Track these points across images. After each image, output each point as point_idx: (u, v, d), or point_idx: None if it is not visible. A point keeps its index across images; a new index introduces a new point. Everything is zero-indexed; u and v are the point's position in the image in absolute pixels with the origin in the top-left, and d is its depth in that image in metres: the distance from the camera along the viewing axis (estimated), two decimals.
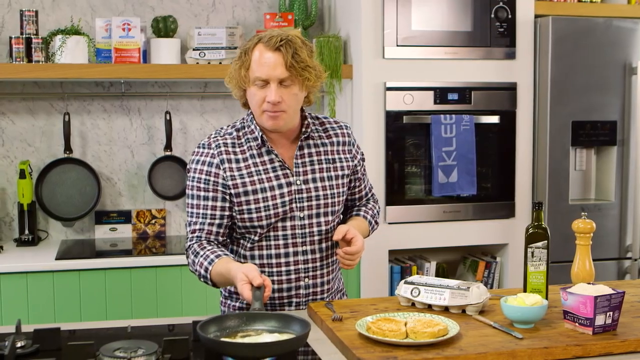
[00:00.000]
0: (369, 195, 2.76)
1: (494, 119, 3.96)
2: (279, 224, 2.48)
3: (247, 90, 2.45)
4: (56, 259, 3.60)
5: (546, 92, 3.93)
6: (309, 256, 2.52)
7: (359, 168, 2.65)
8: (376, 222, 2.74)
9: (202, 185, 2.46)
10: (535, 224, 2.40)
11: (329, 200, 2.53)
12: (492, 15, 3.91)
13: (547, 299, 2.38)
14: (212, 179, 2.45)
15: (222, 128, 2.57)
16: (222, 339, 1.99)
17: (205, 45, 3.96)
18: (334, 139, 2.59)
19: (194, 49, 3.96)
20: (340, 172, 2.57)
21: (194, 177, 2.48)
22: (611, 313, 2.12)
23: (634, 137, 4.01)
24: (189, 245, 2.48)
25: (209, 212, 2.46)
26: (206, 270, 2.38)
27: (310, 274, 2.52)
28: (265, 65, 2.37)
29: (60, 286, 3.52)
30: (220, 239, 2.49)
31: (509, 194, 4.02)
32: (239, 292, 2.23)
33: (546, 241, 2.39)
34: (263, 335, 2.04)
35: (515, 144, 4.00)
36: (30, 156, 4.08)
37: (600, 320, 2.10)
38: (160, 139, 4.21)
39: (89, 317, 3.52)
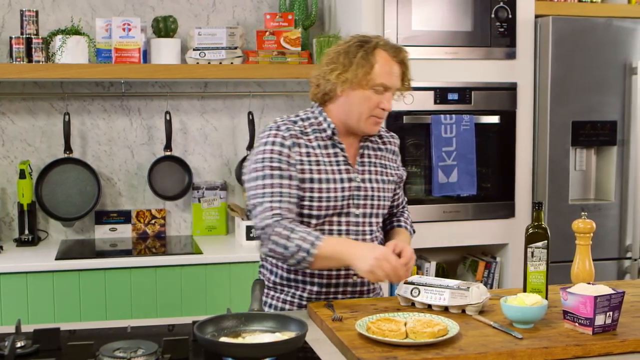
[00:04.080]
0: (404, 203, 2.83)
1: (494, 119, 3.95)
2: (335, 219, 2.50)
3: (352, 91, 2.47)
4: (56, 259, 3.60)
5: (546, 92, 3.93)
6: None
7: (402, 179, 2.75)
8: (413, 231, 2.80)
9: (275, 164, 2.43)
10: (535, 224, 2.40)
11: (381, 202, 2.60)
12: (493, 15, 3.91)
13: (547, 299, 2.38)
14: (284, 158, 2.44)
15: (287, 116, 2.57)
16: (220, 339, 1.99)
17: (205, 45, 3.95)
18: (387, 147, 2.68)
19: (194, 49, 3.95)
20: (391, 178, 2.65)
21: (264, 158, 2.44)
22: (611, 313, 2.12)
23: (634, 137, 4.01)
24: (268, 225, 2.39)
25: (285, 190, 2.43)
26: (312, 244, 2.33)
27: None
28: (392, 75, 2.47)
29: (60, 286, 3.52)
30: (297, 220, 2.46)
31: (509, 194, 4.02)
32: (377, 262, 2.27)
33: (546, 241, 2.39)
34: (261, 335, 2.04)
35: (516, 144, 4.00)
36: (30, 156, 4.08)
37: (600, 320, 2.10)
38: (160, 139, 4.21)
39: (88, 317, 3.52)
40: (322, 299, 2.52)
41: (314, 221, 2.49)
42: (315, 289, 2.53)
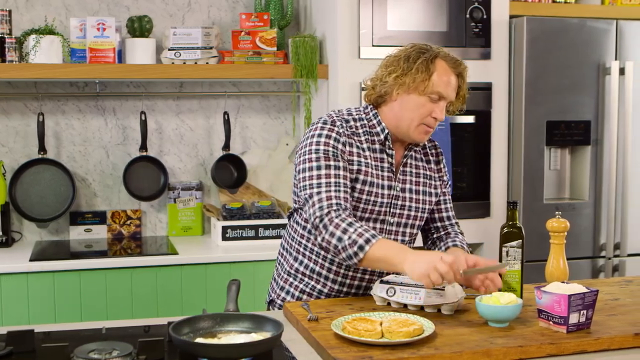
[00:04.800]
0: (452, 221, 2.72)
1: (470, 119, 3.97)
2: (370, 224, 2.51)
3: (407, 96, 2.47)
4: (30, 260, 3.57)
5: (521, 92, 3.95)
6: None
7: (446, 191, 2.70)
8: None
9: (331, 155, 2.44)
10: (510, 223, 2.41)
11: (419, 214, 2.59)
12: (468, 16, 3.93)
13: (521, 297, 2.39)
14: (339, 152, 2.45)
15: (339, 111, 2.57)
16: (196, 340, 1.98)
17: (180, 45, 3.94)
18: (430, 158, 2.66)
19: (169, 49, 3.94)
20: (434, 190, 2.63)
21: (319, 149, 2.44)
22: (585, 311, 2.14)
23: (608, 136, 4.04)
24: (329, 213, 2.37)
25: (341, 180, 2.42)
26: (367, 241, 2.29)
27: (377, 278, 2.55)
28: (449, 86, 2.48)
29: (34, 288, 3.50)
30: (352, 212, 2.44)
31: (484, 193, 4.04)
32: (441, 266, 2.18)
33: (521, 240, 2.40)
34: (236, 336, 2.04)
35: (491, 144, 4.02)
36: (4, 157, 4.05)
37: (574, 318, 2.12)
38: (136, 139, 4.19)
39: (63, 319, 3.49)
40: (340, 297, 2.55)
41: None
42: (336, 287, 2.55)
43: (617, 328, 2.16)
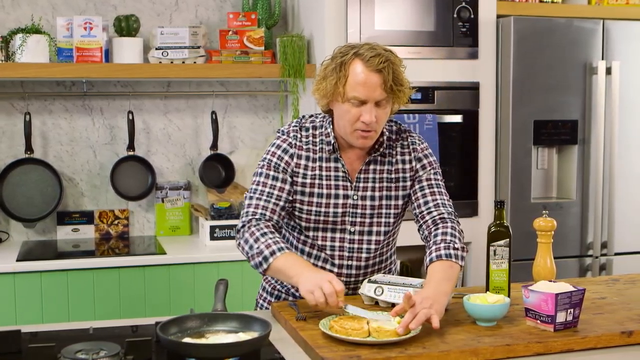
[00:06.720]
0: (430, 205, 2.52)
1: (457, 119, 3.97)
2: (329, 235, 2.50)
3: (336, 103, 2.39)
4: (17, 260, 3.56)
5: (508, 92, 3.96)
6: (353, 271, 2.54)
7: (422, 178, 2.53)
8: (455, 249, 2.39)
9: (272, 167, 2.47)
10: (497, 222, 2.42)
11: (383, 220, 2.53)
12: (455, 15, 3.93)
13: (509, 296, 2.40)
14: (282, 164, 2.47)
15: (303, 117, 2.56)
16: (184, 340, 1.98)
17: (168, 44, 3.93)
18: (398, 157, 2.53)
19: (156, 49, 3.93)
20: (401, 193, 2.53)
21: (265, 158, 2.50)
22: (572, 310, 2.15)
23: (595, 136, 4.06)
24: (250, 221, 2.44)
25: (275, 192, 2.45)
26: (272, 253, 2.32)
27: (352, 286, 2.56)
28: (365, 86, 2.32)
29: (21, 288, 3.48)
30: (280, 221, 2.48)
31: (472, 193, 4.04)
32: (302, 293, 2.23)
33: (508, 239, 2.41)
34: (224, 335, 2.04)
35: (478, 143, 4.02)
36: None
37: (561, 317, 2.12)
38: (123, 138, 4.17)
39: (51, 319, 3.48)
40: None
41: (310, 233, 2.51)
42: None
43: (603, 327, 2.17)
